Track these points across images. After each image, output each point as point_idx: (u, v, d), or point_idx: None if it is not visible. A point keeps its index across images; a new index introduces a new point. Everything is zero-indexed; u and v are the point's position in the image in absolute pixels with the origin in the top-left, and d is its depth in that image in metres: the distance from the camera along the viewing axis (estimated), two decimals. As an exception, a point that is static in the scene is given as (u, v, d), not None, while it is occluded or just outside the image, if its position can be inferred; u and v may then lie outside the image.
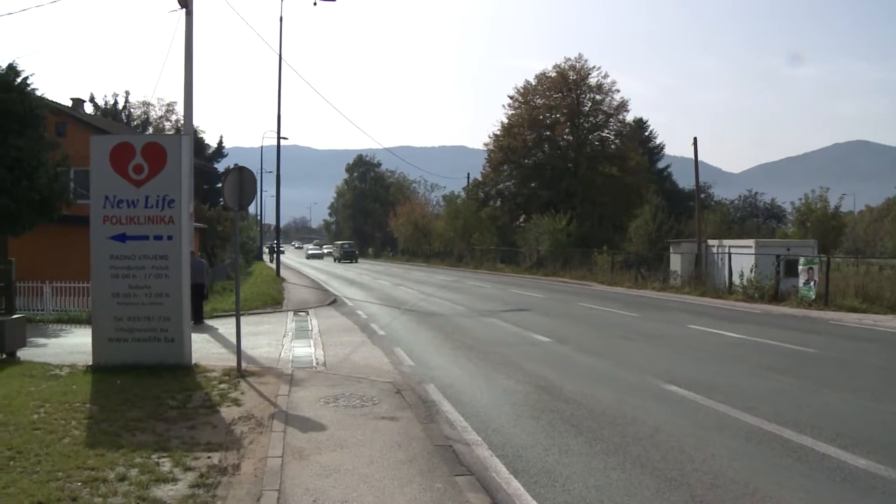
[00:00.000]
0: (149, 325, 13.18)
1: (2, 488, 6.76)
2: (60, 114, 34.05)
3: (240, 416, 9.75)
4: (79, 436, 8.69)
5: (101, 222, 13.25)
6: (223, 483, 7.09)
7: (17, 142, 23.55)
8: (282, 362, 14.51)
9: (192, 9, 19.70)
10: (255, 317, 23.46)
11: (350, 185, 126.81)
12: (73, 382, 11.92)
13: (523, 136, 63.64)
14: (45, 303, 25.97)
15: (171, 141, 14.24)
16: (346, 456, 7.99)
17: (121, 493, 6.71)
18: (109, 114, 70.32)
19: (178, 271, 13.23)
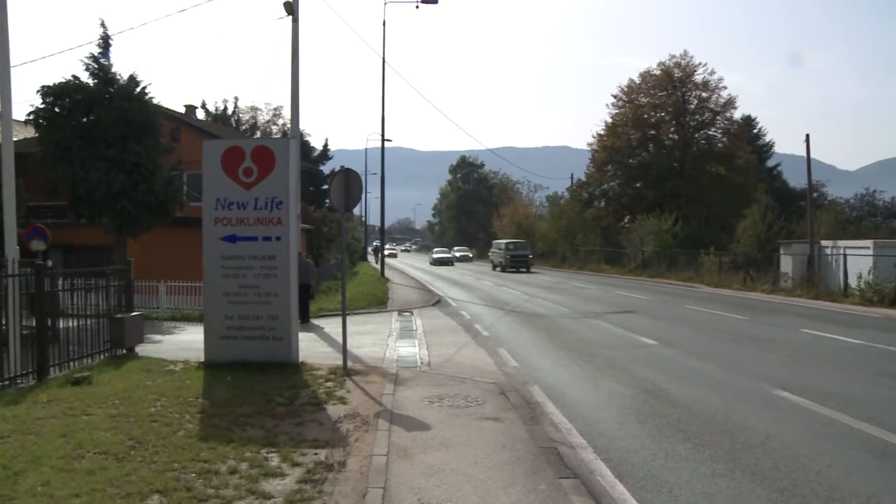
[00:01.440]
0: (258, 324, 13.54)
1: (124, 475, 7.10)
2: (175, 120, 35.35)
3: (346, 414, 9.92)
4: (192, 429, 9.01)
5: (212, 224, 13.68)
6: (329, 479, 7.22)
7: (137, 148, 24.62)
8: (387, 361, 14.69)
9: (299, 16, 20.13)
10: (361, 316, 23.79)
11: (453, 187, 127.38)
12: (186, 378, 12.36)
13: (628, 135, 62.68)
14: (160, 301, 27.02)
15: (279, 144, 14.59)
16: (450, 456, 8.02)
17: (232, 486, 6.92)
18: (220, 119, 72.58)
19: (287, 271, 13.53)
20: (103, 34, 26.16)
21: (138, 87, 26.07)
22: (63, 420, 9.38)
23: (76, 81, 25.54)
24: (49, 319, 13.10)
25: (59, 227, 27.58)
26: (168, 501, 6.51)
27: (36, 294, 12.81)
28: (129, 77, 26.11)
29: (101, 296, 15.02)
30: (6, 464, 7.49)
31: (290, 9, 19.92)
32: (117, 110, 24.75)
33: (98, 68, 25.83)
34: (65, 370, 13.05)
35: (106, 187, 24.16)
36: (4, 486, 6.85)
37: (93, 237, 29.30)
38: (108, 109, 24.78)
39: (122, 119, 24.74)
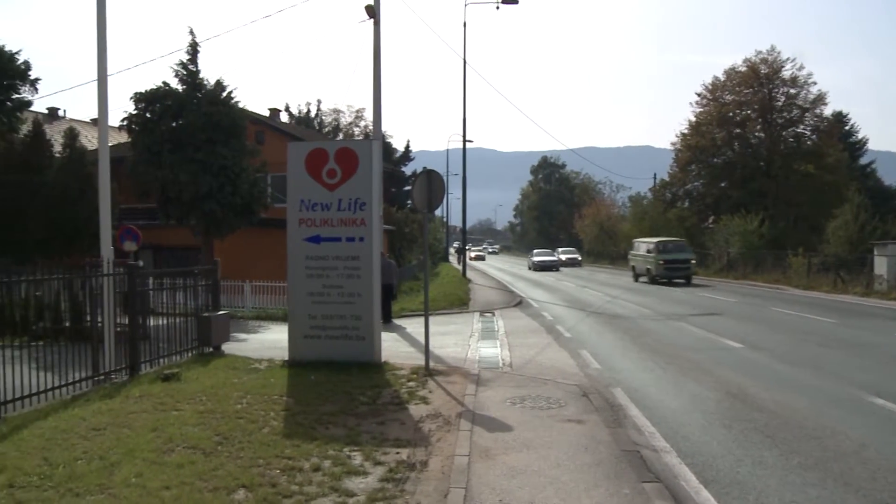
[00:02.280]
0: (341, 324, 13.70)
1: (211, 470, 7.29)
2: (259, 123, 36.06)
3: (427, 414, 9.96)
4: (277, 426, 9.17)
5: (297, 225, 13.91)
6: (411, 478, 7.27)
7: (223, 151, 25.19)
8: (468, 362, 14.70)
9: (380, 19, 20.32)
10: (442, 317, 23.87)
11: (535, 187, 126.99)
12: (271, 376, 12.59)
13: (712, 134, 61.32)
14: (245, 300, 27.58)
15: (362, 146, 14.74)
16: (532, 457, 7.99)
17: (315, 483, 7.02)
18: (303, 122, 73.80)
19: (370, 272, 13.66)
20: (192, 41, 26.83)
21: (224, 91, 26.66)
22: (154, 415, 9.67)
23: (166, 88, 26.26)
24: (140, 317, 13.49)
25: (150, 229, 28.38)
26: (253, 496, 6.64)
27: (128, 293, 13.22)
28: (216, 82, 26.72)
29: (190, 295, 15.40)
30: (103, 455, 7.78)
31: (371, 12, 20.12)
32: (205, 115, 25.35)
33: (187, 74, 26.51)
34: (155, 367, 13.43)
35: (194, 190, 24.77)
36: (102, 475, 7.12)
37: (181, 238, 30.08)
38: (197, 114, 25.40)
39: (209, 123, 25.33)
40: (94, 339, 12.54)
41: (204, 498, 6.56)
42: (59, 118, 53.07)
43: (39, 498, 6.59)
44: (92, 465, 7.45)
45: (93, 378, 12.08)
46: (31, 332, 15.55)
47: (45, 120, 40.25)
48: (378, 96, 20.50)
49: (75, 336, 13.12)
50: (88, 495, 6.65)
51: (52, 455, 7.84)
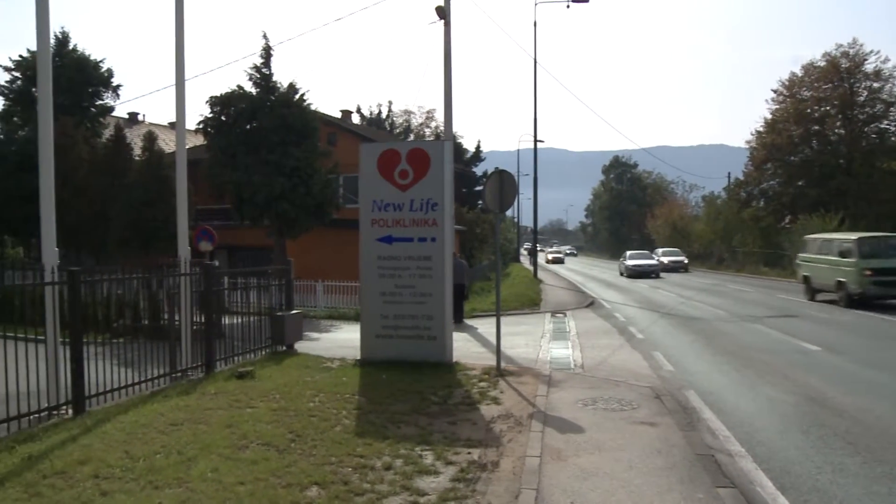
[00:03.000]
0: (413, 324, 13.76)
1: (285, 466, 7.39)
2: (331, 125, 36.48)
3: (499, 415, 9.93)
4: (349, 425, 9.24)
5: (369, 225, 14.02)
6: (482, 479, 7.25)
7: (296, 152, 25.56)
8: (539, 363, 14.62)
9: (450, 20, 20.36)
10: (513, 317, 23.80)
11: (606, 187, 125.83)
12: (343, 375, 12.71)
13: (789, 131, 59.66)
14: (318, 300, 27.92)
15: (434, 147, 14.77)
16: (603, 459, 7.90)
17: (387, 482, 7.05)
18: (374, 123, 74.44)
19: (442, 272, 13.70)
20: (265, 45, 27.29)
21: (297, 94, 27.04)
22: (229, 411, 9.85)
23: (240, 91, 26.76)
24: (216, 316, 13.74)
25: (225, 229, 28.93)
26: (326, 494, 6.70)
27: (204, 292, 13.49)
28: (289, 85, 27.12)
29: (263, 294, 15.64)
30: (181, 449, 7.96)
31: (441, 13, 20.19)
32: (278, 117, 25.75)
33: (260, 78, 26.97)
34: (230, 364, 13.68)
35: (268, 191, 25.17)
36: (180, 469, 7.28)
37: (255, 238, 30.62)
38: (270, 116, 25.82)
39: (282, 125, 25.73)
40: (171, 337, 12.84)
41: (278, 494, 6.65)
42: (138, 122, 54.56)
43: (122, 489, 6.77)
44: (170, 460, 7.62)
45: (170, 375, 12.37)
46: (112, 329, 15.99)
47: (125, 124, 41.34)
48: (449, 97, 20.54)
49: (153, 334, 13.45)
50: (167, 488, 6.80)
51: (133, 448, 8.06)
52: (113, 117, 45.29)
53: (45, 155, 10.73)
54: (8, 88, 42.30)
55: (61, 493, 6.72)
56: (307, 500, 6.58)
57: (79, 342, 10.11)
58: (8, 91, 42.38)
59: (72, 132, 32.36)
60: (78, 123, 35.76)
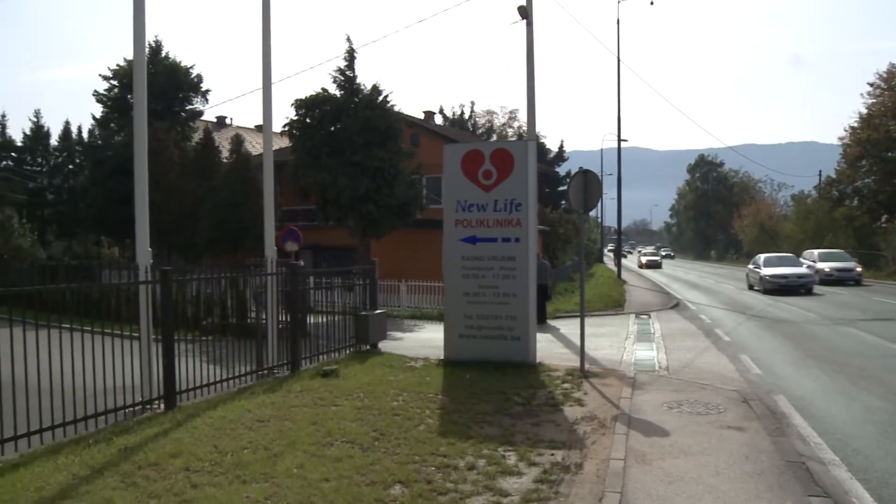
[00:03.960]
0: (496, 324, 13.74)
1: (369, 464, 7.46)
2: (414, 126, 36.70)
3: (582, 416, 9.84)
4: (432, 424, 9.28)
5: (453, 225, 14.06)
6: (566, 481, 7.19)
7: (380, 153, 25.79)
8: (624, 364, 14.43)
9: (532, 19, 20.28)
10: (597, 318, 23.56)
11: (692, 186, 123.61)
12: (426, 374, 12.77)
13: (886, 126, 57.46)
14: (401, 299, 28.12)
15: (517, 147, 14.73)
16: (689, 464, 7.74)
17: (469, 481, 7.05)
18: (457, 123, 74.70)
19: (525, 272, 13.64)
20: (349, 48, 27.61)
21: (381, 95, 27.29)
22: (314, 409, 9.99)
23: (325, 93, 27.14)
24: (301, 315, 13.95)
25: (309, 230, 29.37)
26: (409, 492, 6.73)
27: (290, 291, 13.72)
28: (373, 87, 27.39)
29: (348, 294, 15.82)
30: (267, 445, 8.12)
31: (523, 13, 20.13)
32: (362, 118, 26.03)
33: (344, 80, 27.30)
34: (315, 363, 13.87)
35: (352, 192, 25.46)
36: (266, 465, 7.43)
37: (339, 238, 31.02)
38: (354, 118, 26.12)
39: (366, 127, 25.99)
40: (258, 335, 13.10)
41: (362, 491, 6.71)
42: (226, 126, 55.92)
43: (211, 483, 6.94)
44: (257, 455, 7.78)
45: (256, 372, 12.62)
46: (201, 327, 16.41)
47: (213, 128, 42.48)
48: (532, 97, 20.47)
49: (241, 332, 13.76)
50: (254, 483, 6.94)
51: (222, 443, 8.26)
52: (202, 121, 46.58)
53: (140, 159, 11.08)
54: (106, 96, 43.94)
55: (154, 484, 6.93)
56: (391, 498, 6.63)
57: (170, 339, 10.40)
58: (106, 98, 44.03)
59: (163, 136, 33.36)
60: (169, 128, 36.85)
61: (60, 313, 10.26)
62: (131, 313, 11.14)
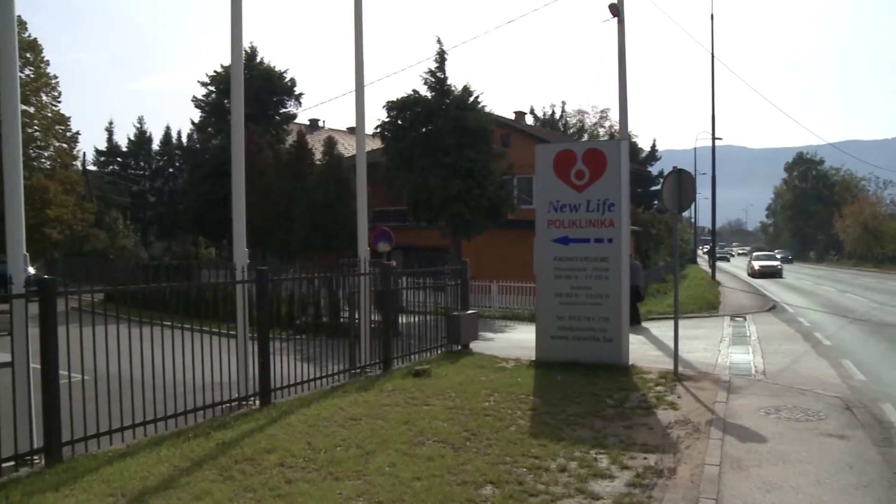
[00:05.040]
0: (588, 325, 13.63)
1: (460, 464, 7.49)
2: (505, 126, 36.66)
3: (676, 420, 9.67)
4: (523, 425, 9.25)
5: (545, 226, 14.00)
6: (659, 485, 7.07)
7: (471, 154, 25.84)
8: (718, 368, 14.12)
9: (624, 17, 20.03)
10: (691, 320, 23.10)
11: (789, 185, 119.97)
12: (517, 375, 12.74)
13: None
14: (492, 300, 28.10)
15: (610, 146, 14.59)
16: (788, 472, 7.51)
17: (561, 483, 7.01)
18: (547, 123, 74.44)
19: (618, 273, 13.49)
20: (439, 50, 27.74)
21: (471, 96, 27.34)
22: (405, 408, 10.08)
23: (416, 95, 27.34)
24: (393, 315, 14.08)
25: (400, 230, 29.60)
26: (500, 493, 6.73)
27: (383, 291, 13.87)
28: (463, 88, 27.46)
29: (439, 294, 15.89)
30: (359, 443, 8.23)
31: (615, 10, 19.90)
32: (453, 120, 26.11)
33: (435, 81, 27.44)
34: (406, 363, 13.98)
35: (443, 193, 25.57)
36: (358, 462, 7.53)
37: (430, 239, 31.16)
38: (445, 119, 26.22)
39: (457, 128, 26.07)
40: (351, 334, 13.27)
41: (453, 491, 6.74)
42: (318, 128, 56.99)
43: (305, 479, 7.07)
44: (350, 453, 7.89)
45: (349, 371, 12.80)
46: (295, 326, 16.73)
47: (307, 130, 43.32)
48: (624, 95, 20.21)
49: (333, 331, 13.97)
50: (347, 480, 7.04)
51: (315, 440, 8.41)
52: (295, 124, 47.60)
53: (237, 162, 11.36)
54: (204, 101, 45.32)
55: (250, 478, 7.10)
56: (482, 498, 6.64)
57: (266, 338, 10.64)
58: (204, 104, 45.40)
59: (259, 139, 34.18)
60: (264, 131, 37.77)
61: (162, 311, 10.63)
62: (228, 311, 11.44)
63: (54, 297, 7.81)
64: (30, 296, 7.75)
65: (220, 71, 43.35)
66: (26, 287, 7.80)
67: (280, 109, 45.51)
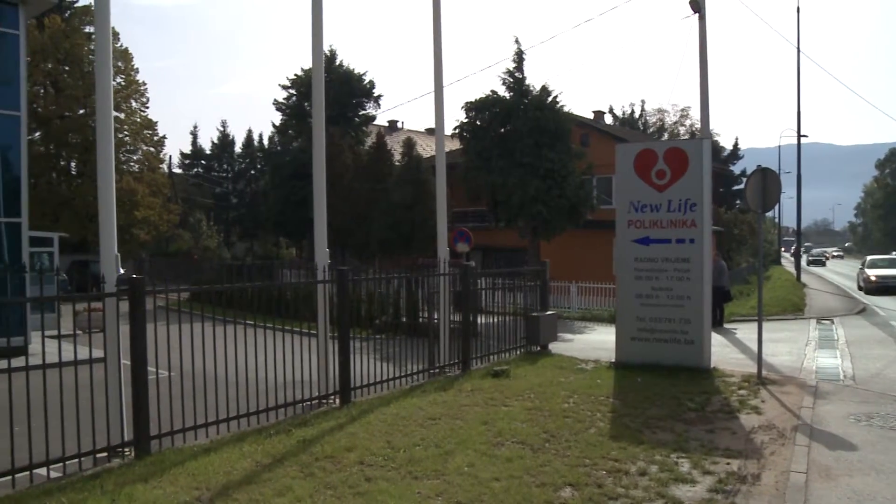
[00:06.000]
0: (669, 327, 13.44)
1: (539, 466, 7.46)
2: (584, 126, 36.41)
3: (759, 425, 9.45)
4: (603, 427, 9.16)
5: (626, 226, 13.86)
6: (742, 492, 6.91)
7: (550, 154, 25.77)
8: (804, 372, 13.75)
9: (705, 13, 19.67)
10: (775, 323, 22.56)
11: (881, 183, 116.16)
12: (597, 377, 12.63)
13: None
14: (571, 301, 27.95)
15: (692, 145, 14.36)
16: (881, 483, 7.22)
17: (641, 487, 6.92)
18: (627, 123, 73.69)
19: (700, 274, 13.27)
20: (517, 50, 27.73)
21: (550, 96, 27.25)
22: (484, 409, 10.08)
23: (494, 96, 27.38)
24: (472, 315, 14.10)
25: (479, 231, 29.66)
26: (580, 495, 6.67)
27: (462, 292, 13.90)
28: (542, 88, 27.39)
29: (518, 294, 15.85)
30: (438, 443, 8.27)
31: (696, 6, 19.56)
32: (532, 120, 26.06)
33: (513, 82, 27.43)
34: (485, 363, 13.99)
35: (522, 193, 25.54)
36: (437, 462, 7.56)
37: (508, 239, 31.15)
38: (524, 119, 26.19)
39: (535, 128, 26.01)
40: (430, 334, 13.34)
41: (531, 492, 6.71)
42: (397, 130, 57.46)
43: (384, 477, 7.13)
44: (428, 452, 7.93)
45: (428, 371, 12.87)
46: (374, 326, 16.90)
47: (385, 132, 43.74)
48: (705, 93, 19.85)
49: (412, 331, 14.06)
50: (426, 479, 7.08)
51: (394, 439, 8.48)
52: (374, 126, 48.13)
53: (319, 163, 11.53)
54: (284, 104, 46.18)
55: (331, 476, 7.19)
56: (561, 500, 6.59)
57: (346, 337, 10.76)
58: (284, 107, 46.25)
59: (338, 141, 34.64)
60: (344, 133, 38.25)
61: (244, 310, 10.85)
62: (309, 311, 11.61)
63: (143, 296, 8.06)
64: (121, 294, 8.01)
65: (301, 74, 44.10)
66: (118, 286, 8.06)
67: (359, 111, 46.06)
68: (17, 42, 18.17)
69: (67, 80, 37.48)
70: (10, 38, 18.02)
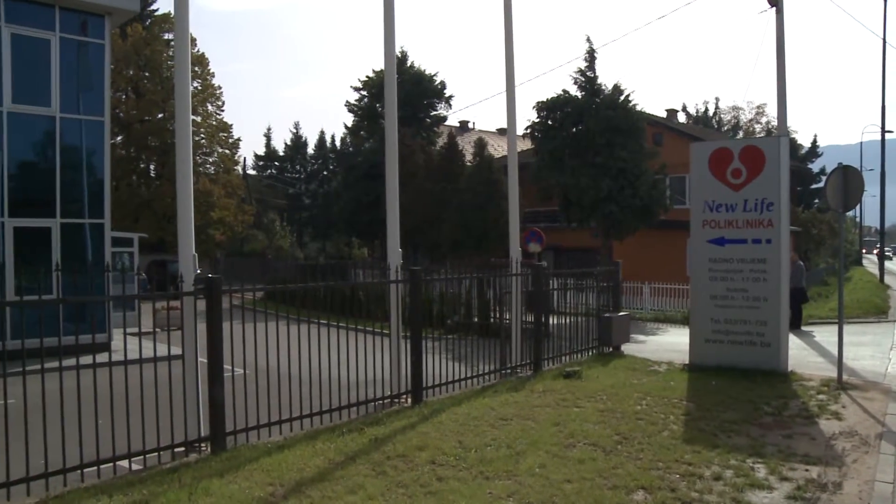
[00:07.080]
0: (745, 329, 13.19)
1: (611, 468, 7.39)
2: (657, 125, 35.97)
3: (840, 431, 9.19)
4: (676, 430, 9.04)
5: (700, 226, 13.66)
6: (822, 500, 6.72)
7: (622, 154, 25.51)
8: (889, 378, 13.30)
9: (783, 6, 19.21)
10: (856, 326, 21.92)
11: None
12: (670, 379, 12.47)
13: None
14: (644, 302, 27.62)
15: (768, 144, 14.07)
16: (973, 494, 6.97)
17: (715, 492, 6.79)
18: (700, 121, 72.51)
19: (777, 275, 13.00)
20: (589, 49, 27.50)
21: (622, 95, 26.98)
22: (556, 410, 10.03)
23: (566, 95, 27.21)
24: (544, 316, 14.04)
25: (550, 231, 29.53)
26: (652, 499, 6.60)
27: (534, 292, 13.85)
28: (614, 86, 27.13)
29: (590, 295, 15.73)
30: (510, 443, 8.26)
31: (773, 0, 19.12)
32: (603, 119, 25.83)
33: (585, 81, 27.23)
34: (556, 364, 13.92)
35: (594, 193, 25.33)
36: (508, 463, 7.55)
37: (580, 240, 30.94)
38: (595, 119, 25.97)
39: (608, 127, 25.77)
40: (501, 335, 13.32)
41: (604, 495, 6.65)
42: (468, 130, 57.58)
43: (456, 477, 7.15)
44: (500, 452, 7.92)
45: (499, 371, 12.86)
46: (446, 325, 16.95)
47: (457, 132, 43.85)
48: (783, 89, 19.34)
49: (484, 331, 14.06)
50: (497, 479, 7.07)
51: (466, 439, 8.49)
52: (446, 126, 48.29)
53: (391, 164, 11.62)
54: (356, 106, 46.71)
55: (402, 475, 7.24)
56: (633, 503, 6.53)
57: (419, 337, 10.82)
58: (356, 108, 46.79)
59: (409, 141, 34.87)
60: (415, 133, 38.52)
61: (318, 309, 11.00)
62: (381, 310, 11.71)
63: (220, 295, 8.24)
64: (198, 294, 8.20)
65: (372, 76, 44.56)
66: (195, 285, 8.26)
67: (430, 112, 46.32)
68: (103, 51, 18.90)
69: (147, 86, 38.59)
70: (96, 48, 18.73)
